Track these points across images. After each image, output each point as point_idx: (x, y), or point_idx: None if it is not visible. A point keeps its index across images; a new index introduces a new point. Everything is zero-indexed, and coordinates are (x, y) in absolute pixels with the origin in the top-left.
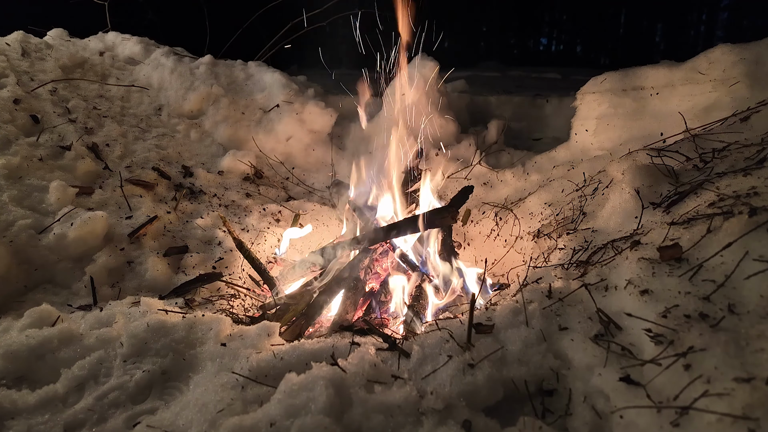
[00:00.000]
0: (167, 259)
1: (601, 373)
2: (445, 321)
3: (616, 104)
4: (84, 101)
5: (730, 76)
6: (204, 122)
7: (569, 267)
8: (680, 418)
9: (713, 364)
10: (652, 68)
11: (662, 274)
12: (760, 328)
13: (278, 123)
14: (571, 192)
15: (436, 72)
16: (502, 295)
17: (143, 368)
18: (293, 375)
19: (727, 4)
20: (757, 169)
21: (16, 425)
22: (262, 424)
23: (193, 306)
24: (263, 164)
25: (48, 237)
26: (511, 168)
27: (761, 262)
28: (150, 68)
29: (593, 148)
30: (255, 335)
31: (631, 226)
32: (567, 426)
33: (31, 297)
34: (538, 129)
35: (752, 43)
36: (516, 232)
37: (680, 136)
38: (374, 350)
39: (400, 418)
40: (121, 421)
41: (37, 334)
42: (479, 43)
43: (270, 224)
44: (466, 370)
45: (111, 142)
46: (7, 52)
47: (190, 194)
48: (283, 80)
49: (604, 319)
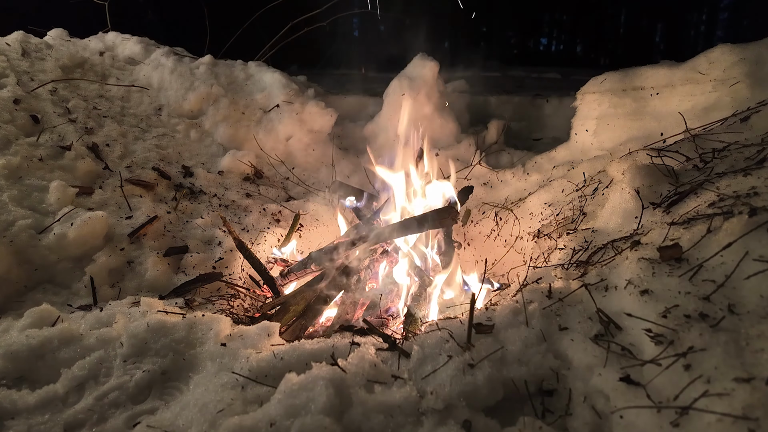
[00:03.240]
0: (167, 259)
1: (601, 373)
2: (445, 321)
3: (616, 104)
4: (84, 101)
5: (730, 76)
6: (204, 122)
7: (569, 267)
8: (680, 418)
9: (713, 364)
10: (652, 68)
11: (662, 274)
12: (760, 328)
13: (278, 123)
14: (571, 192)
15: (436, 72)
16: (502, 295)
17: (143, 368)
18: (293, 375)
19: (727, 4)
20: (757, 169)
21: (16, 425)
22: (262, 424)
23: (193, 306)
24: (263, 164)
25: (48, 237)
26: (511, 168)
27: (761, 262)
28: (150, 68)
29: (593, 148)
30: (255, 335)
31: (631, 226)
32: (567, 426)
33: (31, 297)
34: (538, 129)
35: (752, 43)
36: (516, 232)
37: (680, 136)
38: (374, 350)
39: (400, 418)
40: (121, 421)
41: (37, 334)
42: (479, 43)
43: (270, 224)
44: (466, 370)
45: (111, 142)
46: (7, 52)
47: (190, 194)
48: (283, 80)
49: (604, 319)
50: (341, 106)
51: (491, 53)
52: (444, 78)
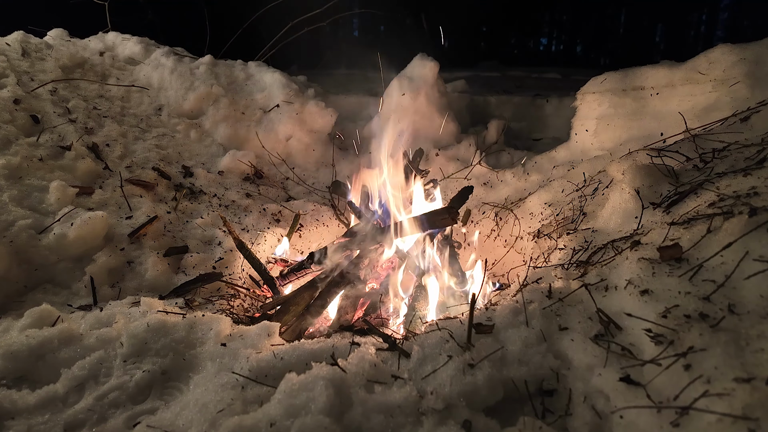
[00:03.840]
0: (167, 259)
1: (601, 373)
2: (445, 321)
3: (616, 104)
4: (84, 101)
5: (730, 76)
6: (204, 122)
7: (569, 267)
8: (680, 418)
9: (713, 364)
10: (652, 68)
11: (662, 274)
12: (760, 328)
13: (278, 123)
14: (571, 192)
15: (436, 72)
16: (502, 295)
17: (143, 368)
18: (293, 375)
19: (727, 4)
20: (757, 169)
21: (16, 425)
22: (262, 424)
23: (193, 306)
24: (263, 164)
25: (48, 237)
26: (511, 168)
27: (761, 262)
28: (150, 68)
29: (593, 148)
30: (255, 335)
31: (631, 226)
32: (567, 426)
33: (31, 297)
34: (538, 129)
35: (752, 43)
36: (516, 232)
37: (680, 136)
38: (374, 350)
39: (400, 418)
40: (121, 421)
41: (37, 334)
42: (479, 43)
43: (270, 224)
44: (466, 370)
45: (111, 142)
46: (7, 52)
47: (190, 194)
48: (283, 80)
49: (604, 319)
50: (341, 106)
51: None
52: (444, 78)
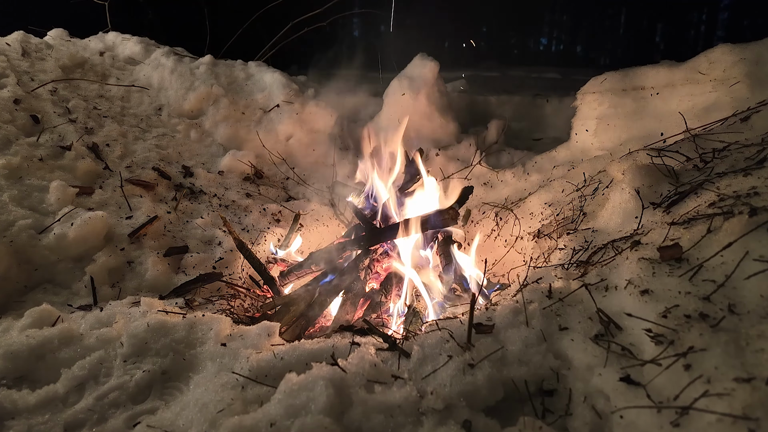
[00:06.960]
0: (167, 259)
1: (601, 373)
2: (445, 321)
3: (617, 104)
4: (84, 101)
5: (731, 76)
6: (204, 122)
7: (569, 267)
8: (680, 418)
9: (713, 364)
10: (652, 68)
11: (662, 274)
12: (760, 328)
13: (278, 123)
14: (572, 192)
15: (437, 72)
16: (502, 295)
17: (143, 368)
18: (293, 375)
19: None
20: (758, 169)
21: (16, 425)
22: (262, 424)
23: (193, 306)
24: (263, 164)
25: (48, 237)
26: (511, 168)
27: (761, 262)
28: (150, 68)
29: (593, 148)
30: (255, 335)
31: (631, 226)
32: (567, 426)
33: (31, 297)
34: (538, 129)
35: (752, 43)
36: (516, 232)
37: (680, 136)
38: (374, 350)
39: (400, 418)
40: (121, 421)
41: (37, 334)
42: (479, 43)
43: (270, 224)
44: (466, 370)
45: (111, 142)
46: (7, 52)
47: (190, 194)
48: (283, 80)
49: (604, 319)
50: (341, 106)
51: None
52: (444, 78)
